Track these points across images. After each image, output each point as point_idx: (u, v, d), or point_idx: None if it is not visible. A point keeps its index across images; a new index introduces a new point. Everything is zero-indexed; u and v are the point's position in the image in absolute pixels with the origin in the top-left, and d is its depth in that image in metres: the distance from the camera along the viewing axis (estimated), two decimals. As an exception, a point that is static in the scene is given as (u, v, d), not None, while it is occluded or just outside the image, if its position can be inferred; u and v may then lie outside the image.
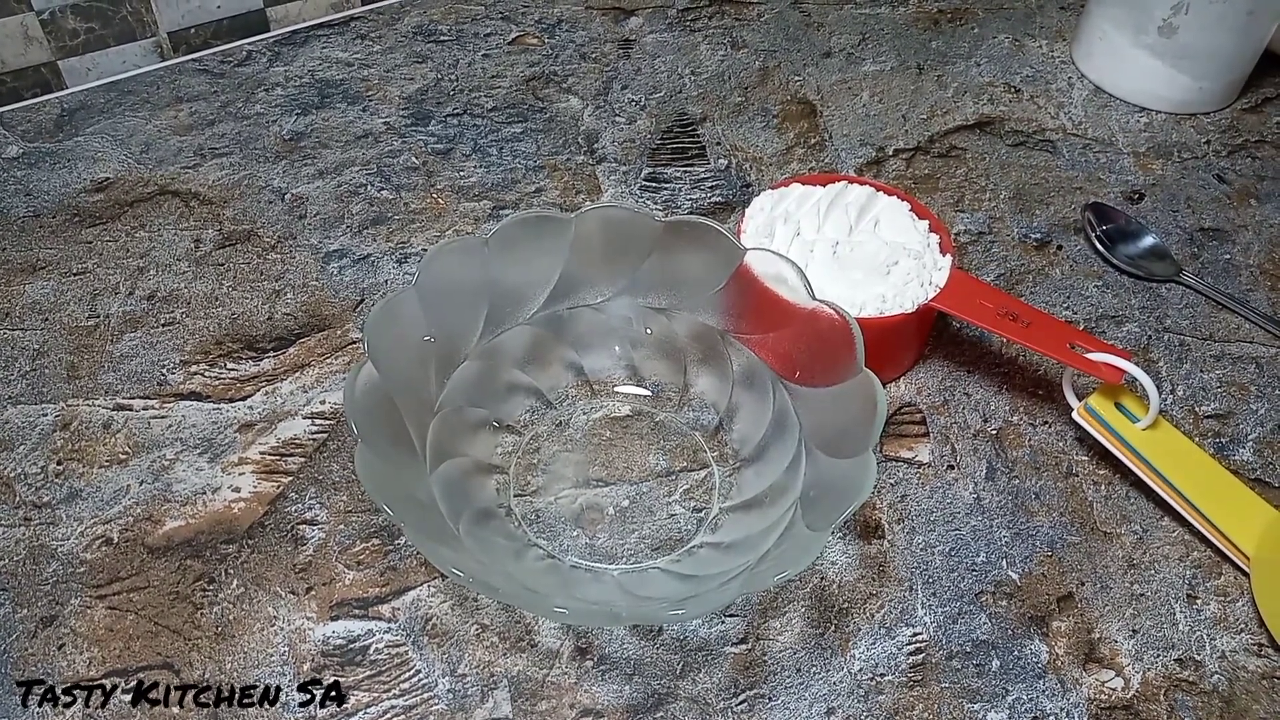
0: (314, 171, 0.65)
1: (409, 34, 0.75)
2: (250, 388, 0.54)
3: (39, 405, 0.53)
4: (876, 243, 0.54)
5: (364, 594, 0.47)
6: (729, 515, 0.49)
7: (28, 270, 0.59)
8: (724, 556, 0.47)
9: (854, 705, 0.45)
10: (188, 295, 0.58)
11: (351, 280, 0.59)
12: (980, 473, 0.53)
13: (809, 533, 0.43)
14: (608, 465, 0.51)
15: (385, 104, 0.69)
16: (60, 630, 0.46)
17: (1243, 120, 0.72)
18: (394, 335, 0.46)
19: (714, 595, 0.43)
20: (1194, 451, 0.51)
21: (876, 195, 0.57)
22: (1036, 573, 0.49)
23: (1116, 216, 0.64)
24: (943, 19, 0.79)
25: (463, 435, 0.50)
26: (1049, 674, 0.46)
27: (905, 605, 0.48)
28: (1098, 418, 0.51)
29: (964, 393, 0.56)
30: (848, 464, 0.44)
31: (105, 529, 0.49)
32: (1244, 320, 0.60)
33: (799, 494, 0.46)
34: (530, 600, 0.43)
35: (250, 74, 0.71)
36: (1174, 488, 0.50)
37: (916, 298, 0.52)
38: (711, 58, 0.74)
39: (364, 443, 0.42)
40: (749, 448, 0.51)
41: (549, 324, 0.52)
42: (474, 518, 0.47)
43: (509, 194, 0.64)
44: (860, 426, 0.44)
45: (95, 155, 0.65)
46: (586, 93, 0.71)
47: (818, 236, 0.55)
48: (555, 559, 0.48)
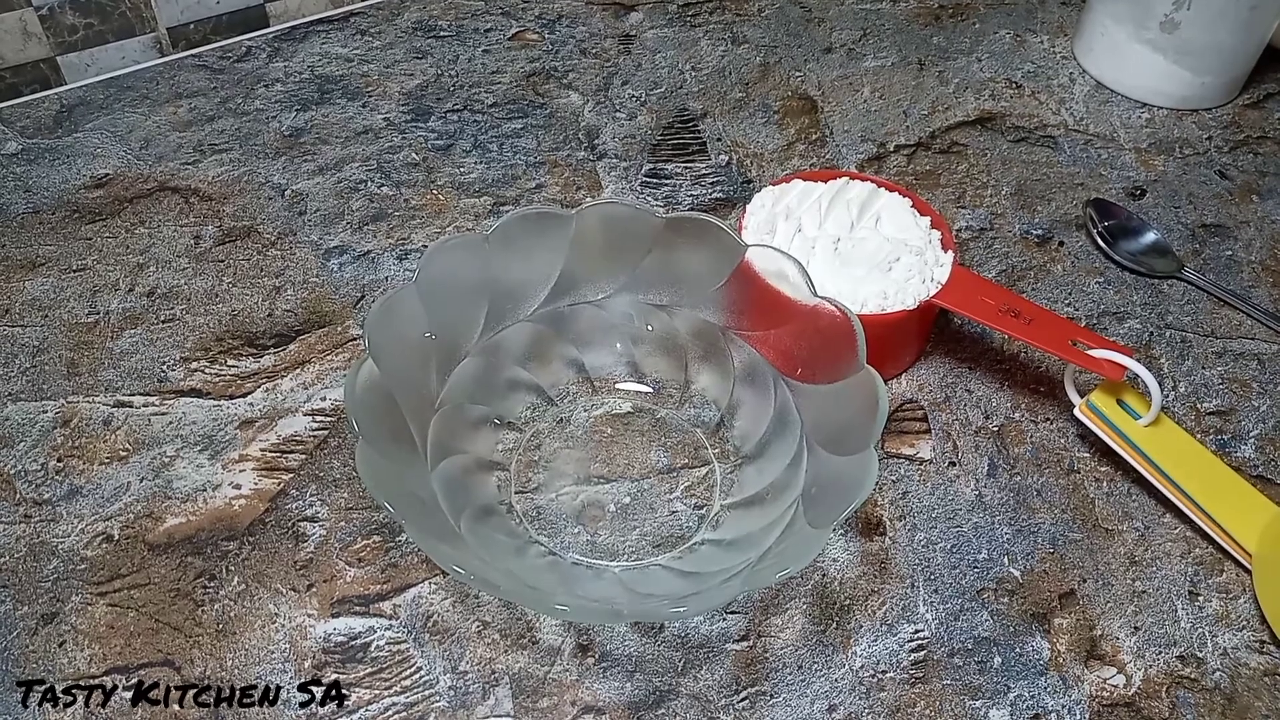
0: (314, 168, 0.65)
1: (409, 29, 0.75)
2: (251, 384, 0.54)
3: (39, 402, 0.53)
4: (878, 239, 0.54)
5: (365, 591, 0.47)
6: (730, 512, 0.49)
7: (27, 267, 0.59)
8: (725, 554, 0.47)
9: (856, 702, 0.45)
10: (188, 292, 0.58)
11: (352, 277, 0.59)
12: (982, 469, 0.52)
13: (811, 530, 0.43)
14: (609, 462, 0.51)
15: (385, 100, 0.69)
16: (61, 627, 0.46)
17: (1245, 116, 0.72)
18: (394, 332, 0.46)
19: (715, 592, 0.43)
20: (1196, 448, 0.51)
21: (878, 191, 0.57)
22: (1038, 570, 0.49)
23: (1118, 212, 0.64)
24: (944, 14, 0.79)
25: (463, 432, 0.50)
26: (1051, 671, 0.46)
27: (907, 602, 0.48)
28: (1100, 414, 0.51)
29: (965, 389, 0.56)
30: (849, 461, 0.44)
31: (106, 526, 0.49)
32: (1246, 317, 0.60)
33: (800, 491, 0.46)
34: (531, 597, 0.43)
35: (250, 70, 0.71)
36: (1176, 484, 0.50)
37: (918, 294, 0.52)
38: (712, 53, 0.74)
39: (365, 440, 0.42)
40: (750, 445, 0.51)
41: (550, 321, 0.52)
42: (475, 515, 0.47)
43: (509, 190, 0.64)
44: (862, 423, 0.44)
45: (95, 151, 0.65)
46: (587, 88, 0.71)
47: (819, 233, 0.55)
48: (556, 556, 0.48)
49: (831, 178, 0.57)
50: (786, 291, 0.48)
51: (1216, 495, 0.49)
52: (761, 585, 0.43)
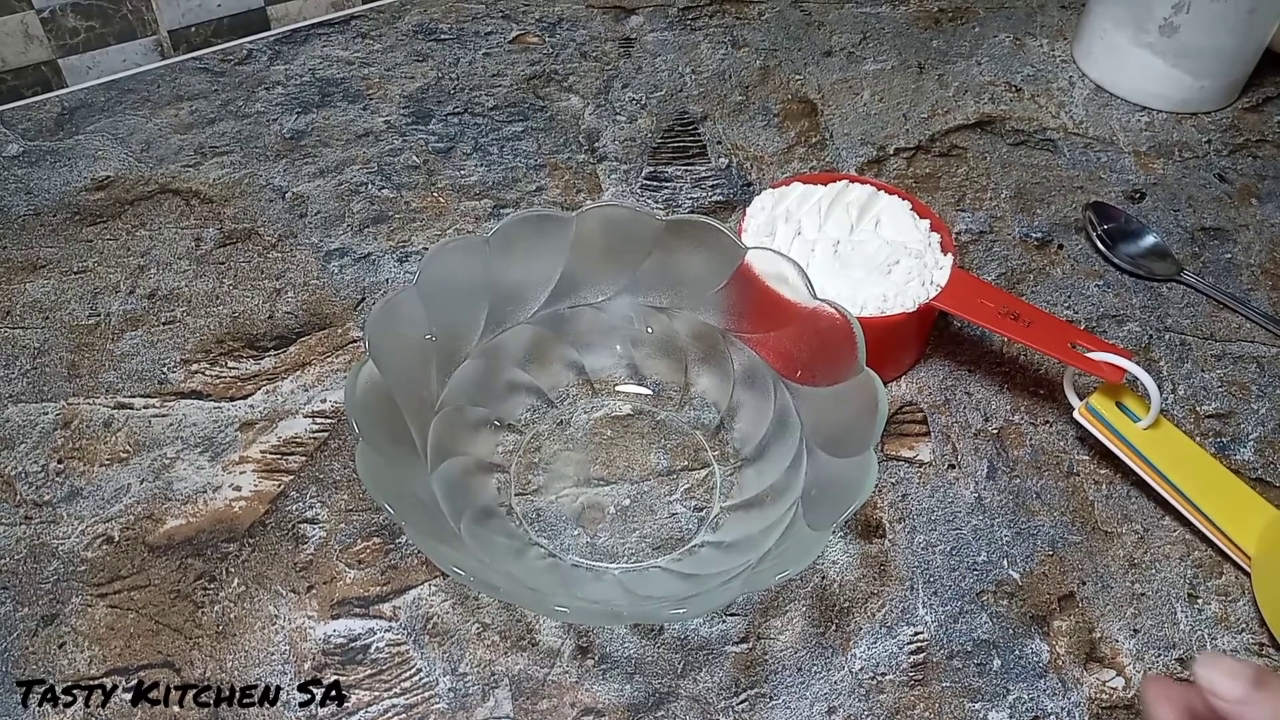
0: (314, 170, 0.65)
1: (410, 32, 0.75)
2: (251, 386, 0.54)
3: (40, 404, 0.53)
4: (877, 242, 0.54)
5: (365, 593, 0.47)
6: (730, 514, 0.49)
7: (28, 269, 0.59)
8: (725, 555, 0.47)
9: (855, 704, 0.45)
10: (188, 294, 0.58)
11: (352, 279, 0.59)
12: (981, 472, 0.52)
13: (810, 532, 0.43)
14: (608, 464, 0.51)
15: (386, 103, 0.69)
16: (61, 629, 0.46)
17: (1244, 119, 0.72)
18: (395, 334, 0.46)
19: (715, 594, 0.43)
20: (1195, 450, 0.51)
21: (877, 194, 0.57)
22: (1037, 572, 0.49)
23: (1117, 216, 0.64)
24: (944, 18, 0.79)
25: (464, 434, 0.50)
26: (1050, 673, 0.46)
27: (906, 604, 0.48)
28: (1099, 417, 0.51)
29: (965, 392, 0.56)
30: (849, 463, 0.44)
31: (106, 528, 0.49)
32: (1245, 320, 0.60)
33: (800, 493, 0.46)
34: (531, 599, 0.43)
35: (251, 72, 0.71)
36: (1174, 486, 0.50)
37: (917, 297, 0.52)
38: (712, 56, 0.74)
39: (365, 441, 0.42)
40: (750, 447, 0.51)
41: (550, 323, 0.52)
42: (475, 516, 0.47)
43: (510, 193, 0.64)
44: (861, 425, 0.44)
45: (96, 154, 0.65)
46: (587, 91, 0.71)
47: (819, 235, 0.55)
48: (556, 558, 0.48)
49: (831, 180, 0.58)
50: (786, 294, 0.49)
51: (1215, 497, 0.49)
52: (761, 587, 0.43)
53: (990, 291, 0.53)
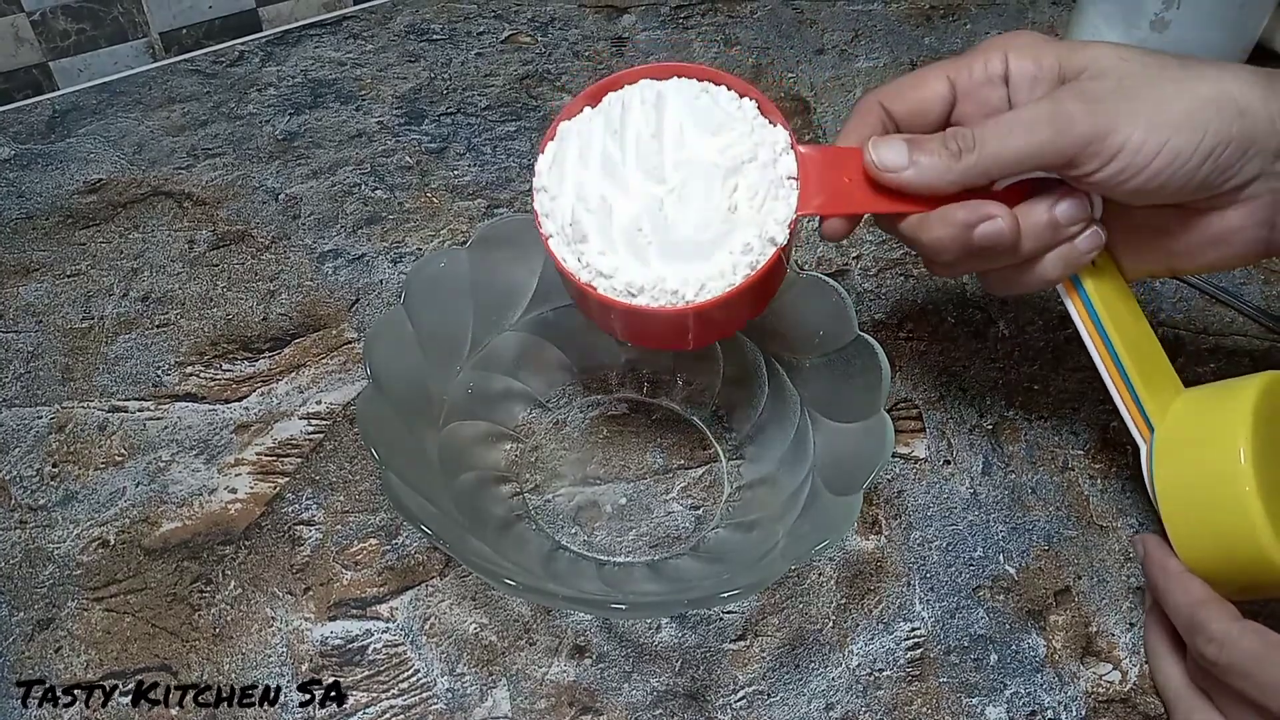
0: (307, 171, 0.65)
1: (401, 33, 0.75)
2: (246, 388, 0.54)
3: (34, 408, 0.53)
4: (706, 186, 0.40)
5: (362, 594, 0.47)
6: (743, 494, 0.50)
7: (21, 272, 0.59)
8: (746, 536, 0.47)
9: (853, 700, 0.45)
10: (182, 296, 0.58)
11: (346, 280, 0.59)
12: (977, 468, 0.53)
13: (837, 499, 0.43)
14: (605, 464, 0.51)
15: (378, 103, 0.69)
16: (57, 633, 0.45)
17: (1235, 114, 0.72)
18: (392, 357, 0.46)
19: (759, 569, 0.43)
20: (1134, 309, 0.47)
21: (661, 95, 0.43)
22: (1034, 567, 0.49)
23: (1110, 211, 0.64)
24: (935, 15, 0.79)
25: (469, 448, 0.50)
26: (1047, 668, 0.46)
27: (903, 600, 0.48)
28: (1076, 284, 0.47)
29: (959, 388, 0.56)
30: (861, 427, 0.45)
31: (101, 531, 0.49)
32: (1237, 314, 0.60)
33: (811, 463, 0.47)
34: (586, 602, 0.43)
35: (243, 74, 0.71)
36: (1105, 337, 0.46)
37: (785, 216, 0.41)
38: (704, 55, 0.74)
39: (388, 469, 0.42)
40: (749, 425, 0.51)
41: (537, 326, 0.52)
42: (498, 527, 0.47)
43: (503, 193, 0.64)
44: (866, 389, 0.45)
45: (88, 156, 0.65)
46: (580, 91, 0.71)
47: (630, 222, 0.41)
48: (581, 556, 0.48)
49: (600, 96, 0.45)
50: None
51: (1139, 358, 0.46)
52: (802, 557, 0.42)
53: (856, 157, 0.42)
